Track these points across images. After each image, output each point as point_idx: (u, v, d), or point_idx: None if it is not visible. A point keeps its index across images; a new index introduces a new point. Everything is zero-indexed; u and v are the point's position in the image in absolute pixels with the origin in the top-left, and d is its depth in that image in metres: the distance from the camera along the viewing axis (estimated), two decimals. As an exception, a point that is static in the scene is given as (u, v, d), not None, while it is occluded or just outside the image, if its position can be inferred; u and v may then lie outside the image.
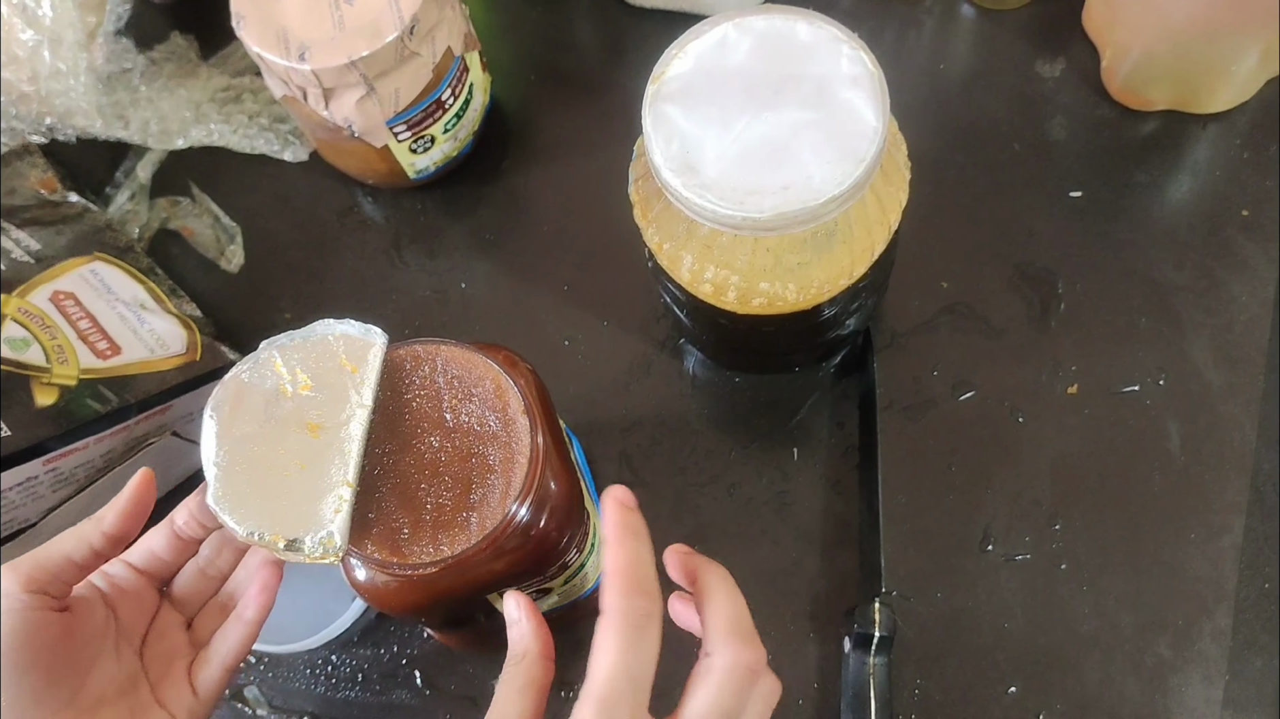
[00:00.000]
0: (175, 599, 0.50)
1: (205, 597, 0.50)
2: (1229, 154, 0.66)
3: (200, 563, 0.50)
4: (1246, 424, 0.61)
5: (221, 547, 0.50)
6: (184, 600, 0.50)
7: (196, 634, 0.50)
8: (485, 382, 0.45)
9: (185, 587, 0.50)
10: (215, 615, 0.50)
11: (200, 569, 0.50)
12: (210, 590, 0.51)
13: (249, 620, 0.49)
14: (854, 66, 0.46)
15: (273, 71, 0.60)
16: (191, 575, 0.50)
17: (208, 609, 0.50)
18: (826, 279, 0.50)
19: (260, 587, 0.50)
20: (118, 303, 0.62)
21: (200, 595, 0.50)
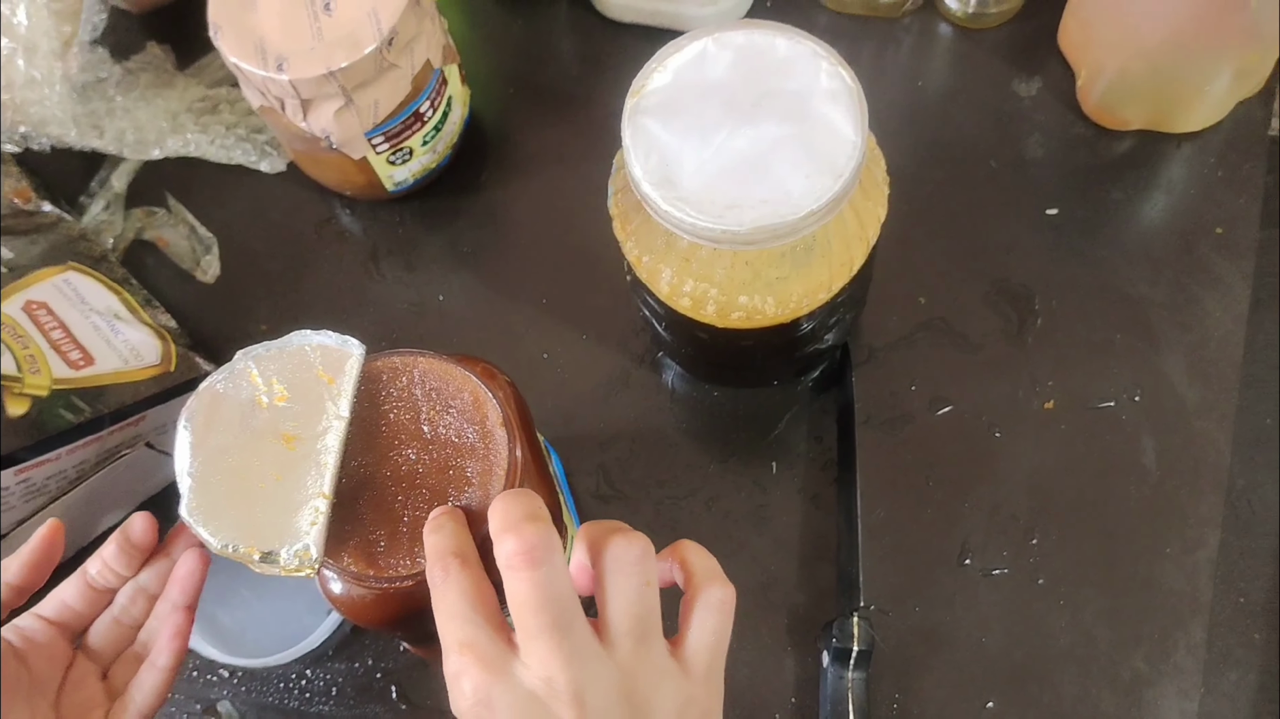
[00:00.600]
0: (89, 649, 0.49)
1: (120, 646, 0.50)
2: (1203, 172, 0.67)
3: (115, 612, 0.50)
4: (1221, 439, 0.61)
5: (136, 595, 0.50)
6: (98, 650, 0.50)
7: (112, 684, 0.49)
8: (464, 394, 0.44)
9: (100, 637, 0.50)
10: (130, 664, 0.50)
11: (115, 618, 0.50)
12: (125, 639, 0.50)
13: (163, 667, 0.49)
14: (833, 81, 0.46)
15: (250, 82, 0.59)
16: (106, 625, 0.50)
17: (123, 658, 0.50)
18: (805, 293, 0.50)
19: (173, 632, 0.49)
20: (91, 313, 0.61)
21: (115, 645, 0.50)
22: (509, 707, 0.35)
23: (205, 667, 0.63)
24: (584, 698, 0.35)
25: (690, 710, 0.37)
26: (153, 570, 0.50)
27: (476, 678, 0.36)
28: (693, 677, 0.38)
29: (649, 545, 0.38)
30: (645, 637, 0.37)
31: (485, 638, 0.36)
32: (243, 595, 0.63)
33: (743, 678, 0.59)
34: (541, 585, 0.36)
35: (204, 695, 0.63)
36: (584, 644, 0.36)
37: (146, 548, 0.49)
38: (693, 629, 0.39)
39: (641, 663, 0.37)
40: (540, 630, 0.35)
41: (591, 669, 0.36)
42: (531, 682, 0.35)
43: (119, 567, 0.48)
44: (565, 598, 0.36)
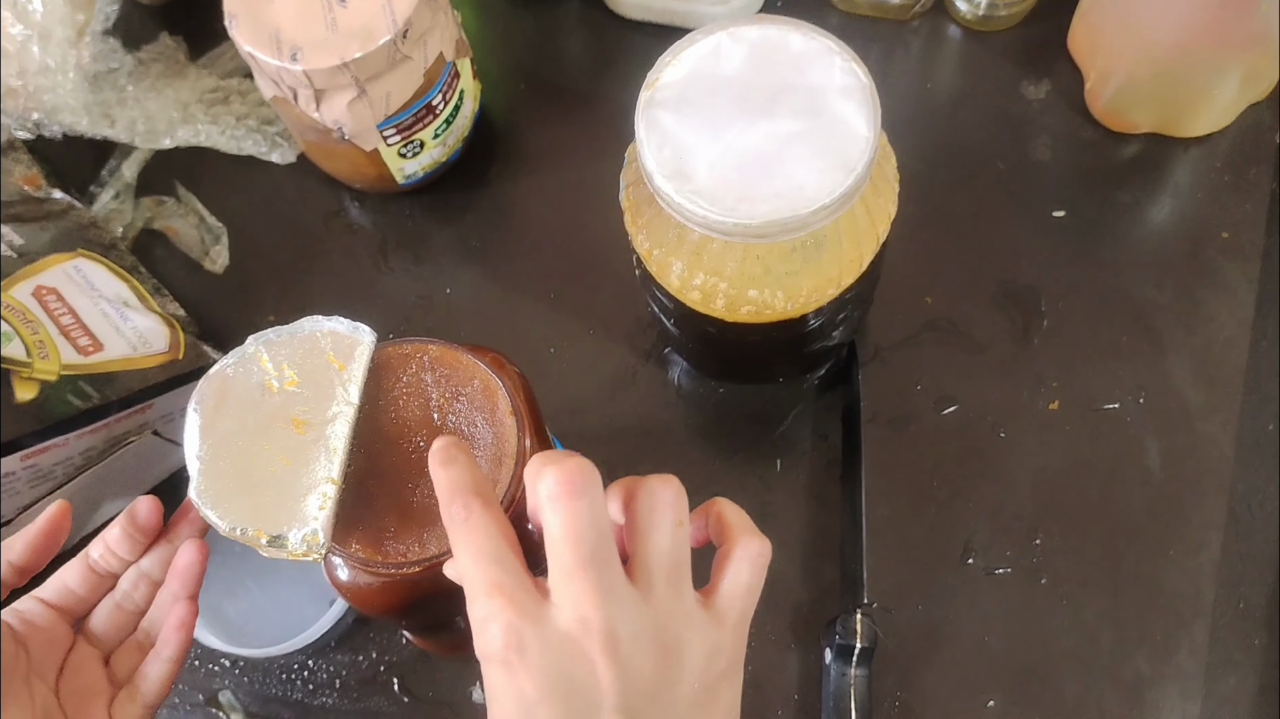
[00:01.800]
0: (91, 635, 0.49)
1: (123, 632, 0.50)
2: (1210, 177, 0.67)
3: (116, 597, 0.50)
4: (1224, 442, 0.61)
5: (138, 580, 0.50)
6: (100, 636, 0.49)
7: (114, 671, 0.49)
8: (473, 382, 0.45)
9: (101, 622, 0.49)
10: (133, 652, 0.50)
11: (116, 604, 0.50)
12: (127, 625, 0.50)
13: (168, 658, 0.49)
14: (846, 77, 0.46)
15: (264, 72, 0.60)
16: (108, 610, 0.50)
17: (126, 646, 0.50)
18: (814, 289, 0.50)
19: (177, 623, 0.49)
20: (101, 299, 0.62)
21: (117, 631, 0.50)
22: (542, 650, 0.35)
23: (207, 656, 0.63)
24: (617, 638, 0.35)
25: (718, 660, 0.37)
26: (155, 556, 0.50)
27: (508, 621, 0.35)
28: (723, 626, 0.38)
29: (682, 488, 0.38)
30: (677, 579, 0.37)
31: (515, 580, 0.36)
32: (246, 586, 0.63)
33: (745, 674, 0.59)
34: (582, 517, 0.35)
35: (206, 685, 0.63)
36: (619, 583, 0.36)
37: (151, 532, 0.49)
38: (726, 579, 0.38)
39: (673, 606, 0.37)
40: (578, 565, 0.35)
41: (625, 609, 0.35)
42: (565, 622, 0.35)
43: (122, 551, 0.48)
44: (604, 533, 0.36)
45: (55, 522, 0.48)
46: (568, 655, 0.35)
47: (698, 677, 0.36)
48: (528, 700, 0.35)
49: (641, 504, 0.37)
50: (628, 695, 0.35)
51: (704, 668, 0.37)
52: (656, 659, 0.36)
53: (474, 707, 0.61)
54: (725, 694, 0.38)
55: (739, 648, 0.38)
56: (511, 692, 0.35)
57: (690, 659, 0.36)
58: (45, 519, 0.48)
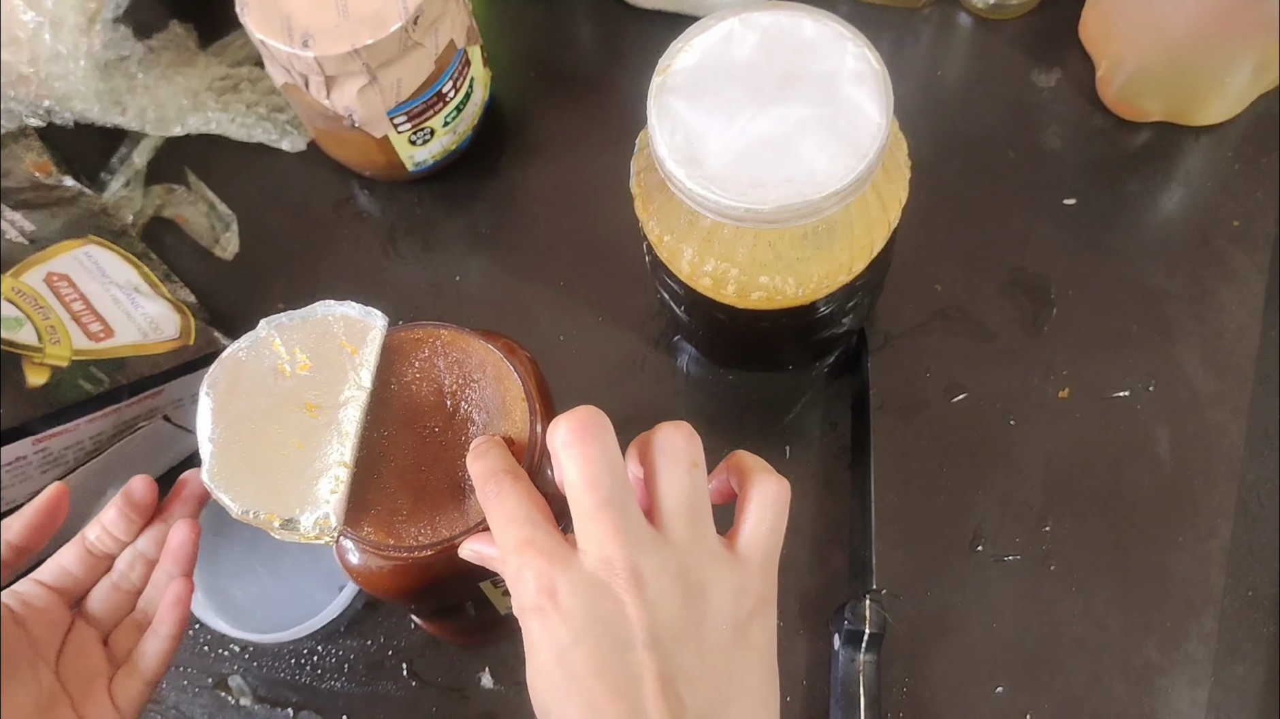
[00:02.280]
0: (89, 616, 0.49)
1: (120, 612, 0.50)
2: (1221, 166, 0.67)
3: (113, 578, 0.50)
4: (1234, 431, 0.61)
5: (134, 561, 0.50)
6: (98, 617, 0.50)
7: (113, 651, 0.49)
8: (486, 367, 0.45)
9: (99, 603, 0.50)
10: (132, 631, 0.50)
11: (113, 584, 0.50)
12: (125, 605, 0.50)
13: (166, 635, 0.49)
14: (858, 63, 0.46)
15: (275, 58, 0.60)
16: (105, 591, 0.50)
17: (124, 625, 0.50)
18: (826, 275, 0.50)
19: (173, 600, 0.49)
20: (111, 285, 0.62)
21: (115, 611, 0.50)
22: (571, 592, 0.36)
23: (217, 641, 0.63)
24: (641, 575, 0.36)
25: (745, 599, 0.37)
26: (150, 536, 0.50)
27: (539, 568, 0.36)
28: (748, 566, 0.38)
29: (693, 432, 0.39)
30: (697, 519, 0.38)
31: (544, 534, 0.37)
32: (255, 571, 0.63)
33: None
34: (596, 460, 0.36)
35: (215, 670, 0.63)
36: (638, 523, 0.37)
37: (146, 511, 0.49)
38: (748, 521, 0.39)
39: (695, 545, 0.37)
40: (597, 507, 0.36)
41: (647, 548, 0.36)
42: (591, 564, 0.36)
43: (118, 532, 0.49)
44: (619, 475, 0.37)
45: (53, 502, 0.48)
46: (596, 595, 0.36)
47: (725, 616, 0.37)
48: (562, 644, 0.35)
49: (656, 449, 0.38)
50: (656, 632, 0.35)
51: (731, 607, 0.37)
52: (682, 597, 0.36)
53: (482, 691, 0.61)
54: (757, 633, 0.38)
55: (768, 588, 0.39)
56: (547, 638, 0.36)
57: (716, 598, 0.37)
58: (43, 500, 0.48)
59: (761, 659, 0.38)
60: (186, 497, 0.51)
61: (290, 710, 0.62)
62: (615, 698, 0.35)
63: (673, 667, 0.35)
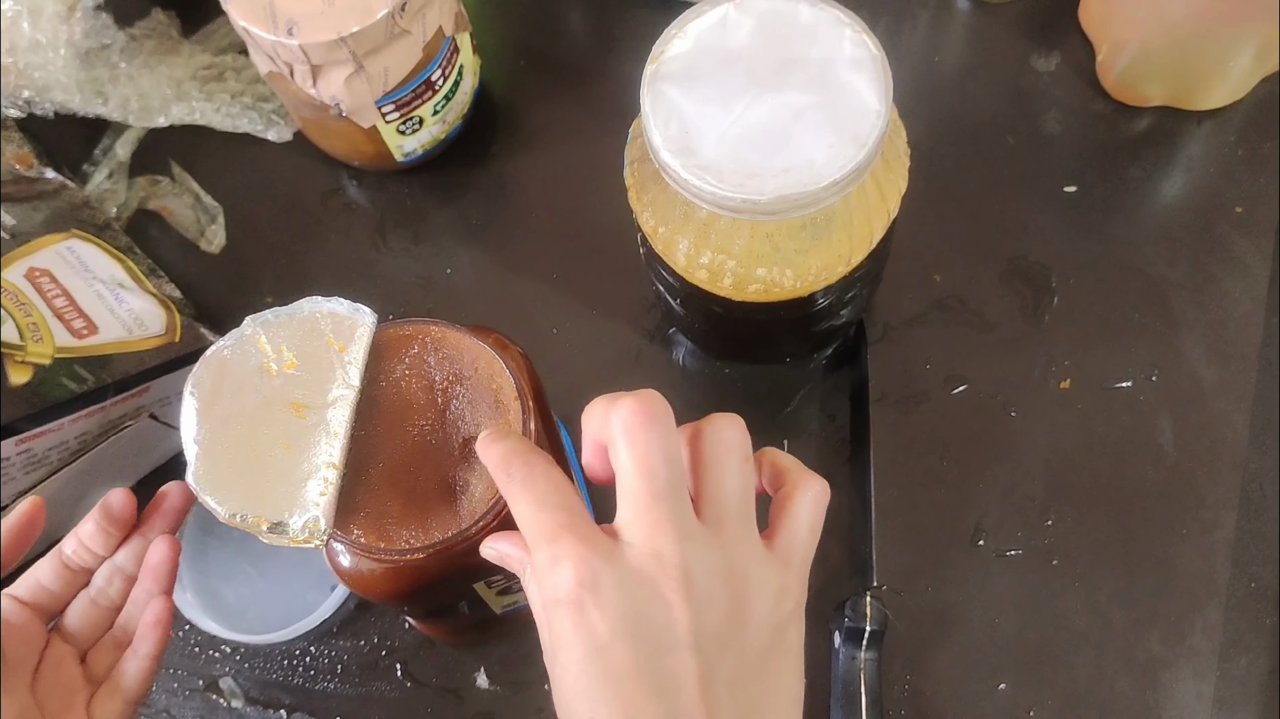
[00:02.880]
0: (66, 632, 0.48)
1: (98, 629, 0.49)
2: (1223, 151, 0.66)
3: (91, 593, 0.49)
4: (1239, 420, 0.61)
5: (112, 575, 0.49)
6: (76, 633, 0.48)
7: (91, 669, 0.48)
8: (477, 364, 0.44)
9: (76, 619, 0.49)
10: (110, 649, 0.49)
11: (91, 600, 0.49)
12: (103, 621, 0.49)
13: (146, 655, 0.48)
14: (856, 49, 0.45)
15: (259, 47, 0.58)
16: (82, 607, 0.49)
17: (102, 643, 0.49)
18: (824, 266, 0.49)
19: (153, 619, 0.48)
20: (95, 281, 0.60)
21: (92, 627, 0.49)
22: (616, 586, 0.34)
23: (207, 643, 0.62)
24: (692, 576, 0.34)
25: (785, 601, 0.36)
26: (129, 550, 0.49)
27: (581, 556, 0.34)
28: (789, 567, 0.37)
29: (744, 424, 0.38)
30: (745, 518, 0.37)
31: (583, 520, 0.35)
32: (246, 571, 0.63)
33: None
34: (656, 448, 0.35)
35: (206, 672, 0.62)
36: (691, 519, 0.35)
37: (124, 525, 0.48)
38: (788, 521, 0.38)
39: (741, 544, 0.36)
40: (653, 499, 0.34)
41: (698, 545, 0.35)
42: (639, 559, 0.34)
43: (96, 546, 0.47)
44: (677, 467, 0.35)
45: (29, 516, 0.47)
46: (643, 594, 0.34)
47: (767, 618, 0.36)
48: (600, 641, 0.34)
49: (708, 442, 0.37)
50: (700, 635, 0.34)
51: (773, 609, 0.36)
52: (729, 599, 0.35)
53: (478, 692, 0.60)
54: (792, 636, 0.37)
55: (803, 591, 0.38)
56: (583, 634, 0.34)
57: (759, 600, 0.36)
58: (19, 514, 0.47)
59: (796, 661, 0.37)
60: (166, 510, 0.49)
61: (283, 712, 0.61)
62: (654, 700, 0.33)
63: (714, 670, 0.34)
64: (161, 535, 0.49)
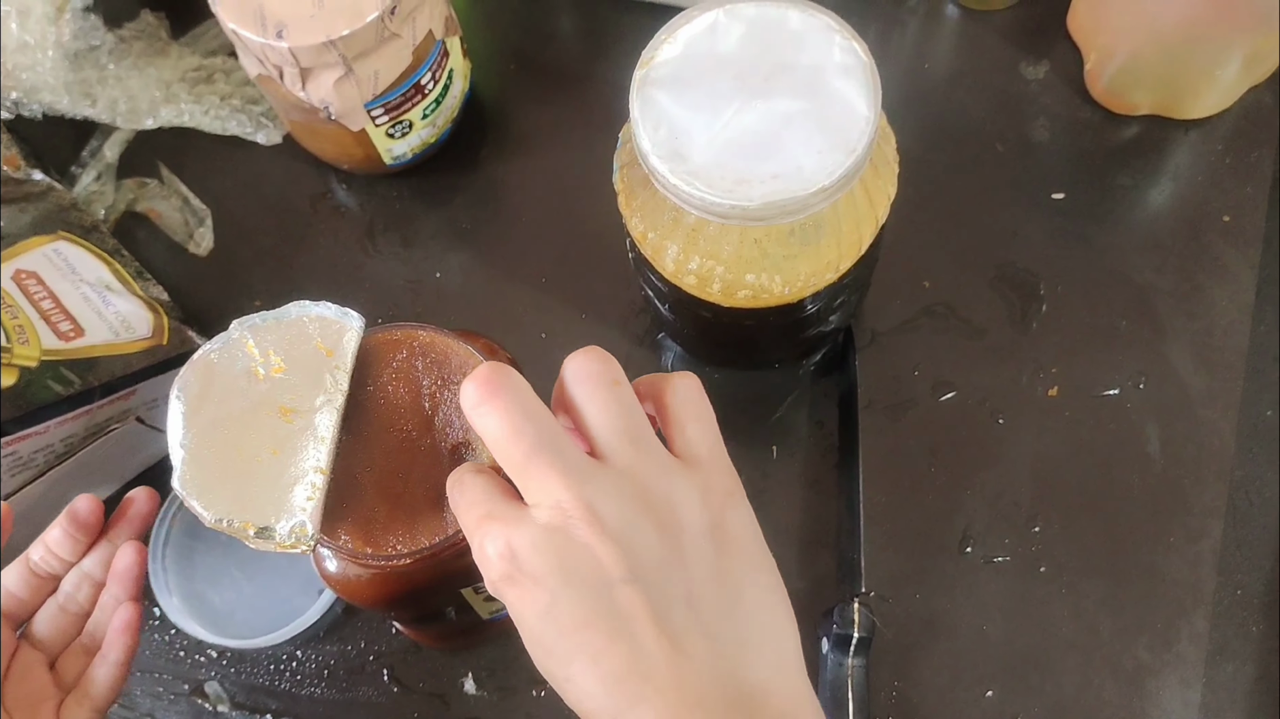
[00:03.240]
0: (35, 639, 0.48)
1: (67, 635, 0.49)
2: (1211, 160, 0.66)
3: (59, 599, 0.49)
4: (1225, 429, 0.61)
5: (80, 582, 0.49)
6: (44, 640, 0.48)
7: (60, 675, 0.48)
8: (465, 369, 0.43)
9: (45, 625, 0.48)
10: (79, 655, 0.49)
11: (60, 606, 0.49)
12: (71, 628, 0.49)
13: (115, 661, 0.48)
14: (846, 56, 0.45)
15: (248, 49, 0.58)
16: (50, 613, 0.49)
17: (71, 649, 0.49)
18: (813, 273, 0.49)
19: (122, 625, 0.48)
20: (82, 283, 0.60)
21: (61, 634, 0.49)
22: (530, 547, 0.34)
23: (193, 647, 0.62)
24: (599, 512, 0.34)
25: (711, 497, 0.36)
26: (96, 556, 0.49)
27: (495, 535, 0.34)
28: (698, 464, 0.36)
29: (601, 352, 0.37)
30: (638, 436, 0.36)
31: (500, 503, 0.35)
32: (233, 575, 0.62)
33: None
34: (512, 410, 0.34)
35: (192, 676, 0.62)
36: (578, 459, 0.35)
37: (91, 530, 0.48)
38: (676, 423, 0.37)
39: (644, 464, 0.35)
40: (527, 456, 0.34)
41: (596, 482, 0.34)
42: (543, 515, 0.34)
43: (63, 552, 0.47)
44: (541, 418, 0.35)
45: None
46: (558, 545, 0.34)
47: (698, 522, 0.35)
48: (541, 605, 0.34)
49: (569, 383, 0.37)
50: (635, 567, 0.34)
51: (700, 512, 0.36)
52: (652, 522, 0.35)
53: (465, 697, 0.60)
54: (733, 526, 0.36)
55: (727, 477, 0.37)
56: (527, 605, 0.34)
57: (684, 510, 0.35)
58: None
59: (748, 548, 0.37)
60: (132, 516, 0.49)
61: (269, 717, 0.61)
62: (615, 642, 0.33)
63: (665, 594, 0.34)
64: (129, 541, 0.48)
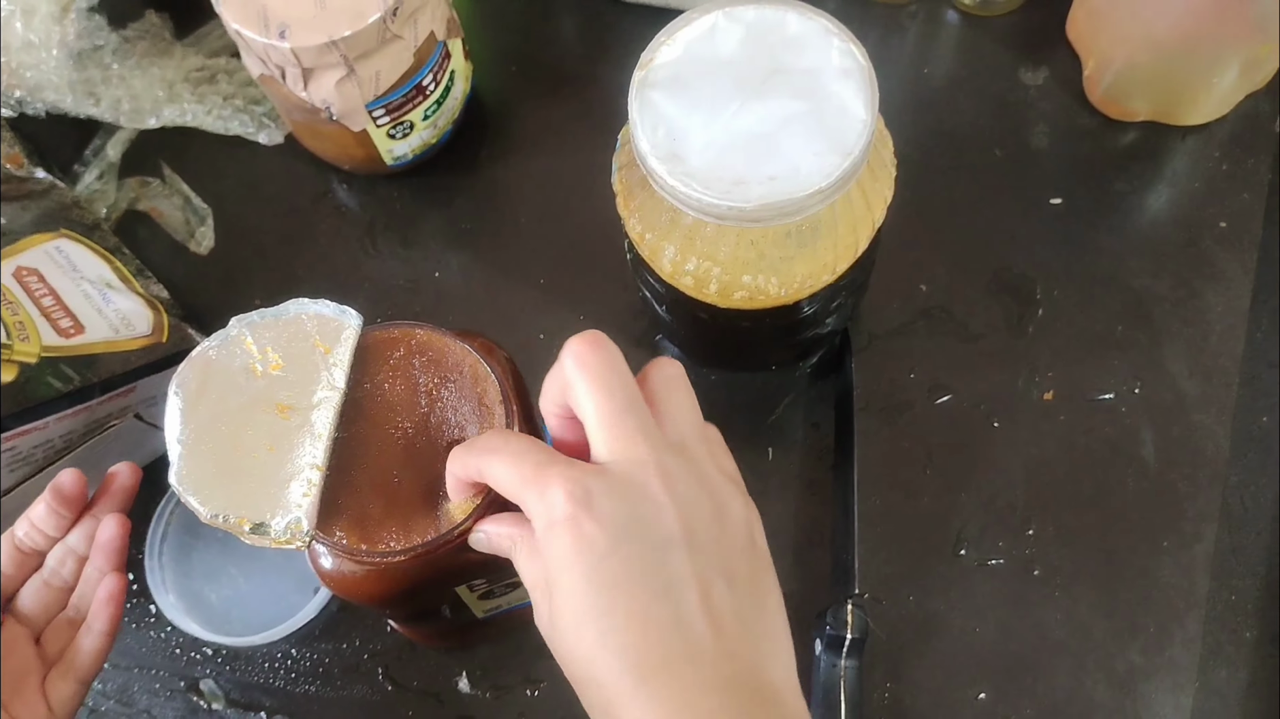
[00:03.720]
0: (20, 614, 0.49)
1: (51, 610, 0.49)
2: (1207, 166, 0.67)
3: (44, 575, 0.49)
4: (1220, 434, 0.61)
5: (65, 557, 0.49)
6: (29, 615, 0.49)
7: (45, 649, 0.48)
8: (462, 368, 0.44)
9: (30, 600, 0.49)
10: (64, 629, 0.49)
11: (44, 581, 0.49)
12: (56, 603, 0.49)
13: (100, 632, 0.49)
14: (844, 59, 0.45)
15: (251, 50, 0.58)
16: (35, 588, 0.49)
17: (56, 623, 0.49)
18: (809, 275, 0.49)
19: (106, 596, 0.49)
20: (83, 281, 0.60)
21: (46, 609, 0.49)
22: (608, 494, 0.34)
23: (189, 644, 0.62)
24: (673, 476, 0.35)
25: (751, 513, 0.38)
26: (80, 531, 0.49)
27: (569, 477, 0.35)
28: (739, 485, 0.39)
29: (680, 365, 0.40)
30: (705, 438, 0.38)
31: (557, 456, 0.36)
32: (229, 573, 0.62)
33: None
34: (613, 368, 0.36)
35: (187, 674, 0.62)
36: (658, 432, 0.37)
37: (75, 504, 0.48)
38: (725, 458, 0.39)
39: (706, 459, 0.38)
40: (620, 412, 0.36)
41: (671, 453, 0.36)
42: (622, 467, 0.35)
43: (47, 528, 0.48)
44: (633, 388, 0.37)
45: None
46: (634, 495, 0.35)
47: (740, 517, 0.37)
48: (600, 551, 0.34)
49: (657, 378, 0.39)
50: (691, 535, 0.35)
51: (743, 509, 0.38)
52: (708, 501, 0.36)
53: (460, 696, 0.60)
54: (759, 536, 0.38)
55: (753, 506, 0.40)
56: (582, 548, 0.34)
57: (731, 503, 0.37)
58: None
59: (769, 560, 0.38)
60: (115, 490, 0.50)
61: (264, 715, 0.61)
62: (660, 602, 0.34)
63: (709, 568, 0.35)
64: (111, 514, 0.49)
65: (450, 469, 0.40)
